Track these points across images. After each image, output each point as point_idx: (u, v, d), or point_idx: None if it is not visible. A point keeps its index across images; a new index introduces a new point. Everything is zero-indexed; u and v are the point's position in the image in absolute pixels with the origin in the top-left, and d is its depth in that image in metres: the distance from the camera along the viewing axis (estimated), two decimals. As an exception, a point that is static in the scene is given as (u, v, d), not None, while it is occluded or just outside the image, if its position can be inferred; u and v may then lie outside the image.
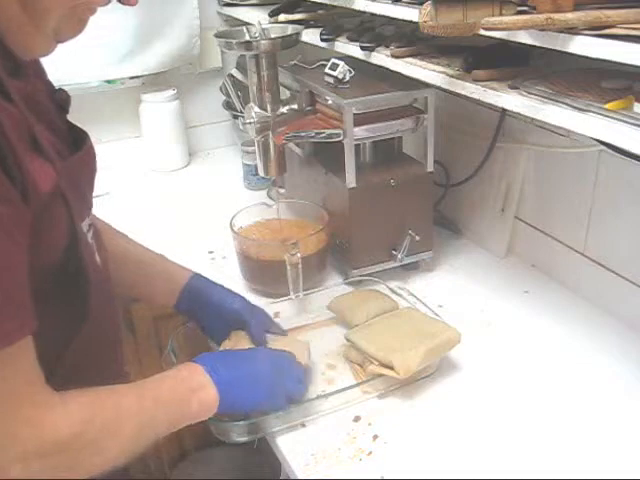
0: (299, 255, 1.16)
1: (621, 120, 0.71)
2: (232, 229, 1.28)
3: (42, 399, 0.66)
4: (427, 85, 1.10)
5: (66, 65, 1.64)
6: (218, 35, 1.27)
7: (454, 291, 1.26)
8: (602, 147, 1.06)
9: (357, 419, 0.96)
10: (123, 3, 0.71)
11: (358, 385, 0.99)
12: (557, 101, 0.80)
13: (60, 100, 0.81)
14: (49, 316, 0.69)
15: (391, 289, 1.20)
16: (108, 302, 0.85)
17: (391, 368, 0.96)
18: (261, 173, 1.38)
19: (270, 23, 1.39)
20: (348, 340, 1.06)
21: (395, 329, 1.06)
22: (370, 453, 0.90)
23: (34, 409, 0.64)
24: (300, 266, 1.16)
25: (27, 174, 0.62)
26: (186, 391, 0.81)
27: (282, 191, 1.54)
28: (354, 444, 0.91)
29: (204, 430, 0.93)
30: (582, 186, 1.18)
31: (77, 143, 0.78)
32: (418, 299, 1.14)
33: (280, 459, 0.93)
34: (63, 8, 0.67)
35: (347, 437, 0.93)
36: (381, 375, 0.98)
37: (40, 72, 0.81)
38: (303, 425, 0.95)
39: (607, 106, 0.72)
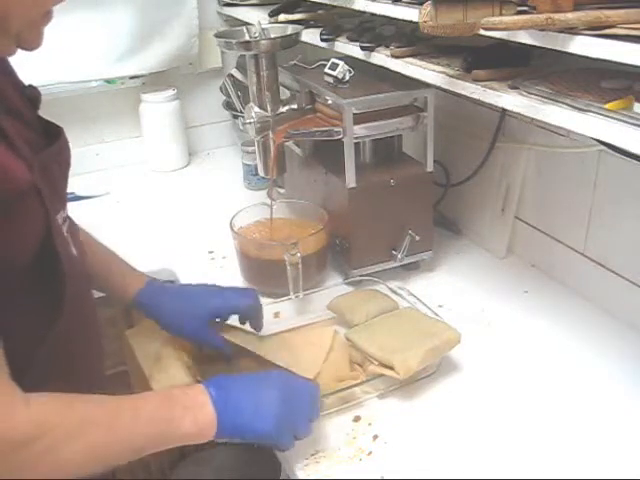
0: (299, 255, 1.16)
1: (621, 120, 0.71)
2: (232, 229, 1.28)
3: (3, 395, 0.63)
4: (427, 85, 1.10)
5: (65, 64, 1.63)
6: (218, 35, 1.27)
7: (454, 291, 1.26)
8: (602, 147, 1.06)
9: (357, 419, 0.96)
10: None
11: (358, 385, 0.99)
12: (557, 101, 0.80)
13: (30, 96, 0.80)
14: (23, 310, 0.69)
15: (391, 289, 1.20)
16: (84, 295, 0.84)
17: (391, 368, 0.96)
18: (261, 173, 1.39)
19: (270, 23, 1.39)
20: (348, 340, 1.06)
21: (395, 329, 1.05)
22: (370, 453, 0.90)
23: None
24: (300, 266, 1.16)
25: None
26: (176, 409, 0.74)
27: (282, 191, 1.55)
28: (354, 444, 0.91)
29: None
30: (582, 186, 1.18)
31: (51, 138, 0.78)
32: (418, 299, 1.14)
33: (280, 459, 0.93)
34: (24, 17, 0.66)
35: (347, 437, 0.93)
36: (381, 375, 0.98)
37: (7, 69, 0.80)
38: (303, 425, 0.95)
39: (607, 106, 0.72)
